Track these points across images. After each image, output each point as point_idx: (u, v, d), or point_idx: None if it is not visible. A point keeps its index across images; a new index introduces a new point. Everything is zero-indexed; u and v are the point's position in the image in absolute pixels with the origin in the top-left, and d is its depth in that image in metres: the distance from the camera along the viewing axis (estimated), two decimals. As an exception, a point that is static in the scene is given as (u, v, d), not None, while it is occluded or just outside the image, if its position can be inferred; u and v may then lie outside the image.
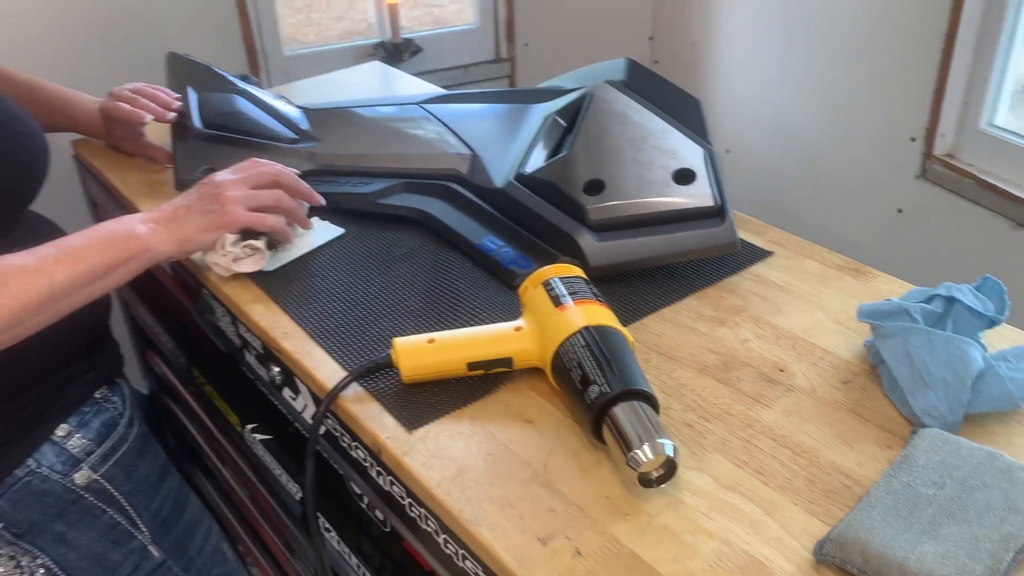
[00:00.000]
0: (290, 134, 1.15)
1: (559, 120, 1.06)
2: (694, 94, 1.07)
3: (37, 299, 0.75)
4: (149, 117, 1.13)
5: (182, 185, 1.08)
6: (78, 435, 0.95)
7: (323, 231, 1.05)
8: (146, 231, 0.84)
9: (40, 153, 0.92)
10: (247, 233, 0.93)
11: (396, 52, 2.10)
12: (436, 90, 1.42)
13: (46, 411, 0.93)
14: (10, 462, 0.90)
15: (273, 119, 1.16)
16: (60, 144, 1.18)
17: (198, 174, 1.08)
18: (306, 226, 1.00)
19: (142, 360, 1.53)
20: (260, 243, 0.94)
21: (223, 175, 0.93)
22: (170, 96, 1.16)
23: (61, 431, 0.93)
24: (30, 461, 0.91)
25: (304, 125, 1.18)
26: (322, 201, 1.01)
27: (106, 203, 1.27)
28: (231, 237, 0.92)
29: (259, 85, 1.25)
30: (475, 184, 1.07)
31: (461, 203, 1.07)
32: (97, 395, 0.99)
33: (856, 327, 0.87)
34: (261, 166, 0.95)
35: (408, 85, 1.55)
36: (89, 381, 0.98)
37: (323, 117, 1.19)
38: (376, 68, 1.64)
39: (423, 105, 1.22)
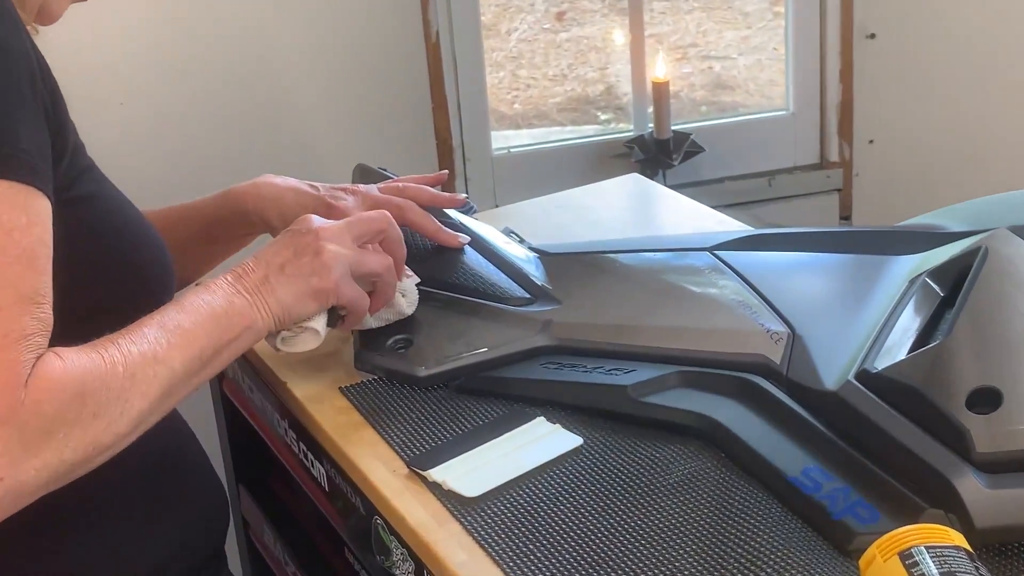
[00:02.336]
0: (520, 292, 0.97)
1: (932, 285, 0.92)
2: None
3: (159, 393, 0.75)
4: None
5: (363, 364, 0.90)
6: None
7: (553, 440, 0.85)
8: (244, 304, 0.83)
9: (166, 265, 0.90)
10: None
11: (662, 153, 1.80)
12: (730, 223, 1.20)
13: None
14: None
15: (496, 268, 0.98)
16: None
17: (391, 344, 0.89)
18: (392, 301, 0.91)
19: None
20: (318, 323, 0.83)
21: (320, 219, 0.89)
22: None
23: None
24: None
25: (538, 276, 0.98)
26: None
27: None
28: None
29: (475, 213, 1.06)
30: (792, 381, 0.91)
31: (769, 409, 0.90)
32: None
33: None
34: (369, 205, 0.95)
35: (683, 211, 1.29)
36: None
37: (565, 265, 1.01)
38: (631, 184, 1.39)
39: (714, 251, 1.03)
